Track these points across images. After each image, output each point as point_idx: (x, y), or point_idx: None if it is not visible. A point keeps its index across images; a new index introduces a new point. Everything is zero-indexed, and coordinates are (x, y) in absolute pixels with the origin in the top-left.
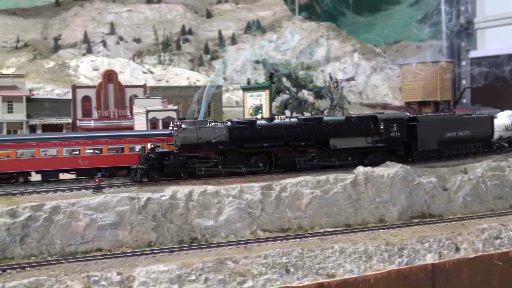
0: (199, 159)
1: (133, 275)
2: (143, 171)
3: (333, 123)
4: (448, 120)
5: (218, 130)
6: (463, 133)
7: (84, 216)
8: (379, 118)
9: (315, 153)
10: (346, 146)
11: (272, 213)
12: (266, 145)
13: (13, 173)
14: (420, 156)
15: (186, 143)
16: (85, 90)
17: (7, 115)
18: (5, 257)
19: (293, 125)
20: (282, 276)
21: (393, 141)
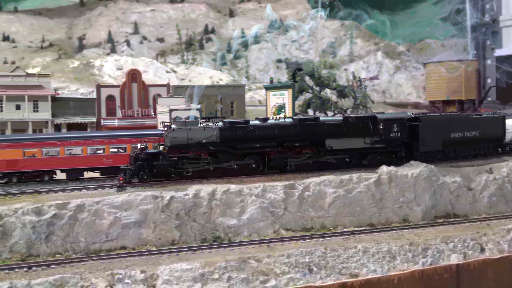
0: (189, 160)
1: (157, 273)
2: (131, 172)
3: (329, 124)
4: (453, 120)
5: (209, 131)
6: (470, 133)
7: (108, 215)
8: (378, 119)
9: (310, 154)
10: (343, 147)
11: (295, 212)
12: (258, 145)
13: (38, 171)
14: (423, 158)
15: (176, 143)
16: (109, 89)
17: (32, 114)
18: (30, 255)
19: (287, 126)
20: (305, 276)
21: (393, 142)
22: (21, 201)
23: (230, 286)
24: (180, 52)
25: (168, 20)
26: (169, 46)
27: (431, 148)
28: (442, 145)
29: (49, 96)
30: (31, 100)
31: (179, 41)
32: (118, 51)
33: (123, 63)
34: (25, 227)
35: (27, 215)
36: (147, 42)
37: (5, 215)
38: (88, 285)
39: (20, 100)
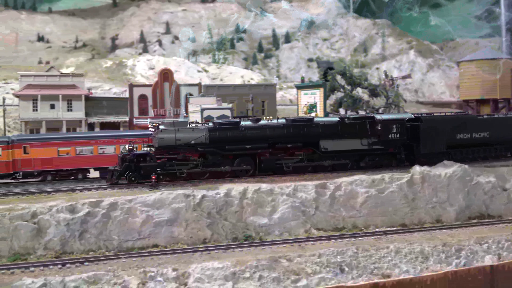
0: (178, 161)
1: (189, 272)
2: (118, 173)
3: (324, 125)
4: (459, 121)
5: (197, 132)
6: (479, 135)
7: (140, 213)
8: (376, 119)
9: (304, 156)
10: (338, 148)
11: (326, 212)
12: (248, 147)
13: (72, 169)
14: (425, 160)
15: (164, 144)
16: (142, 88)
17: (66, 113)
18: (64, 252)
19: (279, 126)
20: (336, 275)
21: (392, 143)
22: (56, 199)
23: (261, 285)
24: (211, 51)
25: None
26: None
27: (434, 150)
28: (446, 147)
29: (82, 96)
30: (65, 99)
31: (211, 40)
32: (150, 50)
33: (155, 62)
34: (60, 225)
35: (61, 213)
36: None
37: (40, 212)
38: (121, 283)
39: (55, 100)
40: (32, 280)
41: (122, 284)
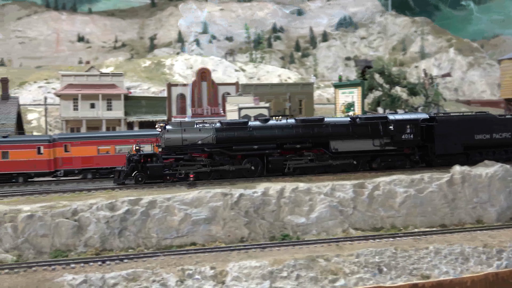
0: (185, 162)
1: (226, 270)
2: (125, 173)
3: (334, 125)
4: (477, 121)
5: (204, 132)
6: (500, 135)
7: (179, 211)
8: (388, 119)
9: (313, 157)
10: (349, 149)
11: (364, 212)
12: (256, 147)
13: (112, 168)
14: (441, 161)
15: (170, 145)
16: (180, 88)
17: (106, 112)
18: (104, 249)
19: (288, 127)
20: (374, 276)
21: (405, 144)
22: (96, 196)
23: (298, 284)
24: (248, 50)
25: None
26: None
27: (450, 151)
28: (464, 148)
29: (122, 95)
30: (105, 98)
31: (248, 39)
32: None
33: (193, 62)
34: (100, 222)
35: (101, 211)
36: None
37: (81, 210)
38: (159, 280)
39: (95, 99)
40: (73, 276)
41: (160, 281)
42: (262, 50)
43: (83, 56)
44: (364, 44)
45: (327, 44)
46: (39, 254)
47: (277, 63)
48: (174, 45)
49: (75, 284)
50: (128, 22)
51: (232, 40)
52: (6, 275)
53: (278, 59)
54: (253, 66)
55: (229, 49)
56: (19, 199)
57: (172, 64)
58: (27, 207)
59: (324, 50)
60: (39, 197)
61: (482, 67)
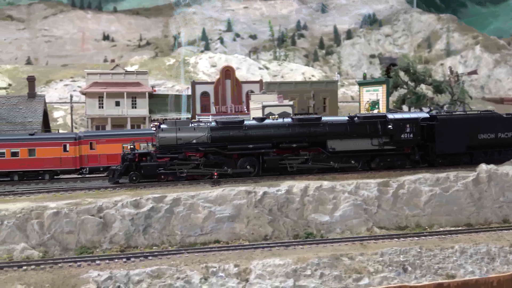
0: (179, 161)
1: (250, 268)
2: (119, 172)
3: (331, 124)
4: (481, 120)
5: (199, 131)
6: (506, 135)
7: (203, 209)
8: (387, 118)
9: (309, 156)
10: (347, 148)
11: (389, 210)
12: (251, 146)
13: None
14: (443, 161)
15: (165, 144)
16: (204, 86)
17: (131, 110)
18: (129, 246)
19: (284, 126)
20: (399, 275)
21: (404, 144)
22: (121, 194)
23: (322, 283)
24: (272, 48)
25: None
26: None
27: (451, 151)
28: (467, 148)
29: (146, 93)
30: (130, 96)
31: (272, 37)
32: (212, 48)
33: (217, 60)
34: (124, 219)
35: (126, 208)
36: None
37: (106, 207)
38: (183, 277)
39: (120, 97)
40: (98, 273)
41: (184, 278)
42: (286, 48)
43: (108, 54)
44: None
45: (351, 41)
46: (64, 251)
47: (301, 61)
48: (198, 43)
49: (100, 281)
50: (153, 21)
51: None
52: (32, 271)
53: (302, 57)
54: (277, 64)
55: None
56: (45, 196)
57: (196, 62)
58: (53, 204)
59: (348, 47)
60: (65, 194)
61: (509, 64)
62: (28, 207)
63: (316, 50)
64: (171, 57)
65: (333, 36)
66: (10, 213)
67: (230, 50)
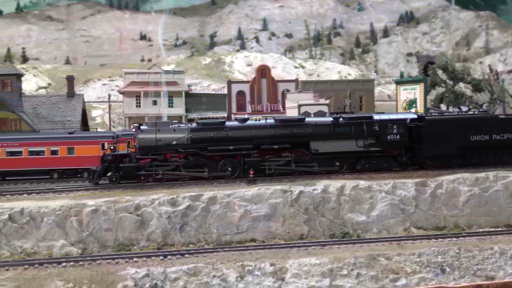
0: (159, 162)
1: (286, 267)
2: (97, 174)
3: (315, 125)
4: (474, 121)
5: (179, 132)
6: (501, 136)
7: (239, 207)
8: (373, 119)
9: (292, 158)
10: (330, 150)
11: (426, 210)
12: (232, 148)
13: None
14: (433, 163)
15: (144, 145)
16: (240, 85)
17: (167, 109)
18: (166, 244)
19: (266, 127)
20: (437, 276)
21: (390, 145)
22: (158, 192)
23: (359, 283)
24: (308, 47)
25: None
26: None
27: (440, 153)
28: (458, 149)
29: (183, 92)
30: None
31: (307, 36)
32: (247, 47)
33: (253, 59)
34: (161, 217)
35: (163, 206)
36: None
37: (143, 205)
38: (219, 275)
39: (156, 96)
40: (136, 270)
41: (221, 277)
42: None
43: (145, 54)
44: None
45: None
46: (103, 248)
47: (337, 59)
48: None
49: (137, 278)
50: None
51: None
52: (71, 268)
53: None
54: (312, 62)
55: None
56: (84, 194)
57: (232, 61)
58: (91, 201)
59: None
60: (103, 192)
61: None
62: (67, 204)
63: (352, 49)
64: (207, 56)
65: (370, 34)
66: (49, 211)
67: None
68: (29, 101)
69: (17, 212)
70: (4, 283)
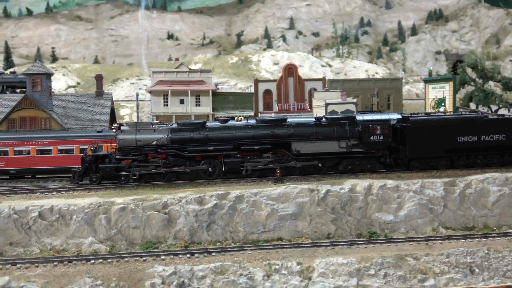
0: (139, 162)
1: (313, 266)
2: (78, 174)
3: (296, 125)
4: (461, 122)
5: (159, 132)
6: (490, 137)
7: (265, 206)
8: (356, 120)
9: (272, 158)
10: (312, 151)
11: (455, 210)
12: (211, 148)
13: None
14: (418, 164)
15: (124, 145)
16: (267, 84)
17: (195, 108)
18: (193, 242)
19: (246, 127)
20: (466, 276)
21: (374, 146)
22: (185, 190)
23: (386, 282)
24: (335, 46)
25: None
26: (324, 40)
27: (425, 154)
28: (445, 151)
29: (210, 91)
30: (194, 94)
31: (335, 34)
32: (274, 46)
33: (279, 58)
34: (189, 216)
35: (190, 204)
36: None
37: (171, 203)
38: (246, 274)
39: (184, 95)
40: (163, 268)
41: (247, 275)
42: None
43: (172, 53)
44: (455, 37)
45: (416, 38)
46: (130, 245)
47: (364, 58)
48: (261, 41)
49: (165, 275)
50: (216, 19)
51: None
52: (100, 265)
53: (365, 54)
54: (339, 61)
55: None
56: (112, 192)
57: (258, 60)
58: (120, 199)
59: (413, 44)
60: (131, 190)
61: None
62: (96, 202)
63: (380, 47)
64: (234, 55)
65: (398, 32)
66: (79, 208)
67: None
68: (59, 100)
69: (47, 209)
70: (35, 280)
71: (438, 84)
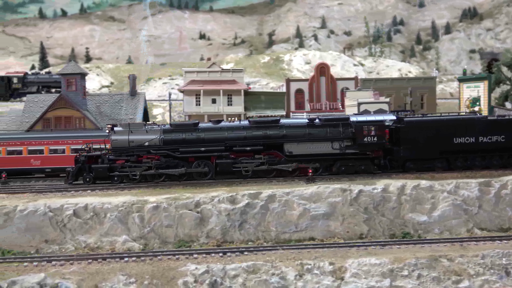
0: (132, 163)
1: (345, 266)
2: (71, 174)
3: (289, 126)
4: (457, 123)
5: (151, 133)
6: (489, 139)
7: (297, 206)
8: (349, 121)
9: (265, 160)
10: (304, 152)
11: (490, 211)
12: (203, 149)
13: None
14: (413, 166)
15: (117, 146)
16: (298, 83)
17: (226, 107)
18: (225, 241)
19: (239, 128)
20: (501, 278)
21: (368, 147)
22: (217, 190)
23: (420, 284)
24: (367, 44)
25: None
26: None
27: (420, 155)
28: (440, 153)
29: (242, 90)
30: (226, 94)
31: (367, 33)
32: (306, 45)
33: (311, 57)
34: (221, 215)
35: (222, 203)
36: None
37: (203, 202)
38: (278, 273)
39: (216, 94)
40: (196, 266)
41: (279, 275)
42: (382, 44)
43: (204, 53)
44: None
45: (450, 36)
46: (163, 244)
47: (397, 57)
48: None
49: (197, 274)
50: (248, 19)
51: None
52: (133, 263)
53: (398, 53)
54: (372, 60)
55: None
56: (145, 191)
57: (290, 59)
58: (153, 198)
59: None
60: (164, 189)
61: None
62: (129, 201)
63: (413, 46)
64: (266, 55)
65: (431, 31)
66: (112, 206)
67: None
68: (93, 99)
69: (81, 207)
70: (69, 277)
71: (472, 83)
